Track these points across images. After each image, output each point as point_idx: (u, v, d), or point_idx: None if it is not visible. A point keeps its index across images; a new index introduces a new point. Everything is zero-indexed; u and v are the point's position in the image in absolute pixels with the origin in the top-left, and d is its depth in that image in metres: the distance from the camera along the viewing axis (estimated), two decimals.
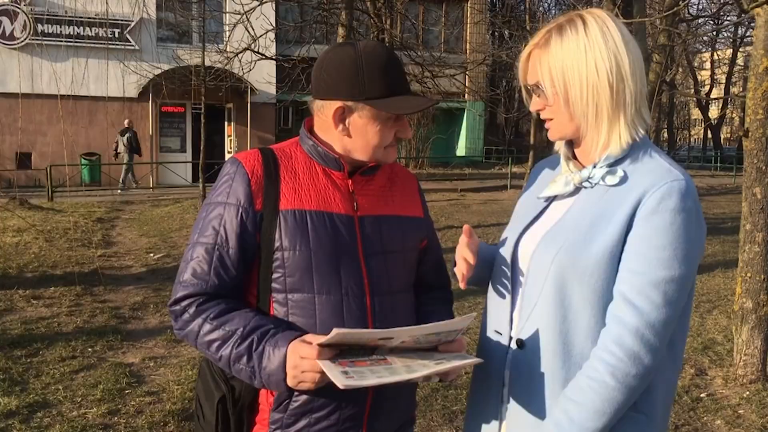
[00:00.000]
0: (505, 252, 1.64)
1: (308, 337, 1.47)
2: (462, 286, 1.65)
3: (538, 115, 1.61)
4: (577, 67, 1.49)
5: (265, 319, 1.56)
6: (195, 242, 1.61)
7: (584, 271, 1.45)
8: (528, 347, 1.54)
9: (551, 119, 1.57)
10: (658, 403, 1.51)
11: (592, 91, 1.49)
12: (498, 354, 1.61)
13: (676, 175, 1.45)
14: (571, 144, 1.63)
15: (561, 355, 1.49)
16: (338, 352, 1.43)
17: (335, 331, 1.37)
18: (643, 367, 1.41)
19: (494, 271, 1.68)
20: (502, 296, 1.63)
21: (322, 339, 1.40)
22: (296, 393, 1.56)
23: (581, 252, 1.46)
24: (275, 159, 1.65)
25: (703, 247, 1.49)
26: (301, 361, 1.42)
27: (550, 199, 1.64)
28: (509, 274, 1.62)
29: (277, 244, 1.57)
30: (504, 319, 1.61)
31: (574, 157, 1.62)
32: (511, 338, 1.59)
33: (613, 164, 1.52)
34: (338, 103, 1.58)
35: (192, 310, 1.57)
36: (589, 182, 1.54)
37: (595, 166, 1.54)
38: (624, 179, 1.50)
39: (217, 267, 1.57)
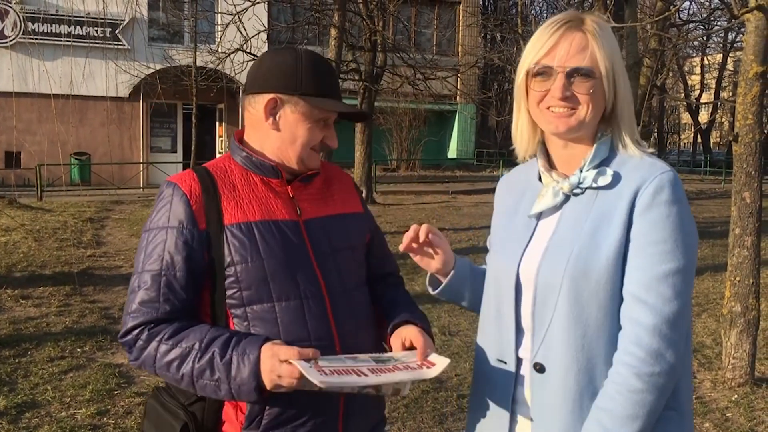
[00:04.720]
0: (506, 276, 1.57)
1: (280, 346, 1.48)
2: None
3: (564, 98, 1.49)
4: (619, 60, 1.53)
5: (221, 330, 1.54)
6: (141, 270, 1.57)
7: (598, 279, 1.42)
8: (550, 370, 1.48)
9: (581, 107, 1.49)
10: (683, 396, 1.49)
11: (626, 85, 1.54)
12: (503, 381, 1.57)
13: (662, 167, 1.46)
14: (546, 154, 1.61)
15: (586, 371, 1.44)
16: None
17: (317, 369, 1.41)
18: (666, 363, 1.38)
19: (492, 297, 1.63)
20: (506, 322, 1.57)
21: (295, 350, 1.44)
22: (268, 407, 1.54)
23: (591, 259, 1.43)
24: (211, 175, 1.63)
25: (697, 236, 1.47)
26: (280, 365, 1.42)
27: (539, 215, 1.58)
28: (512, 298, 1.55)
29: (228, 259, 1.55)
30: (509, 346, 1.56)
31: (552, 167, 1.59)
32: (519, 362, 1.55)
33: (599, 165, 1.51)
34: (271, 95, 1.62)
35: (144, 336, 1.53)
36: (580, 187, 1.51)
37: (581, 170, 1.51)
38: (615, 177, 1.48)
39: (166, 293, 1.54)
